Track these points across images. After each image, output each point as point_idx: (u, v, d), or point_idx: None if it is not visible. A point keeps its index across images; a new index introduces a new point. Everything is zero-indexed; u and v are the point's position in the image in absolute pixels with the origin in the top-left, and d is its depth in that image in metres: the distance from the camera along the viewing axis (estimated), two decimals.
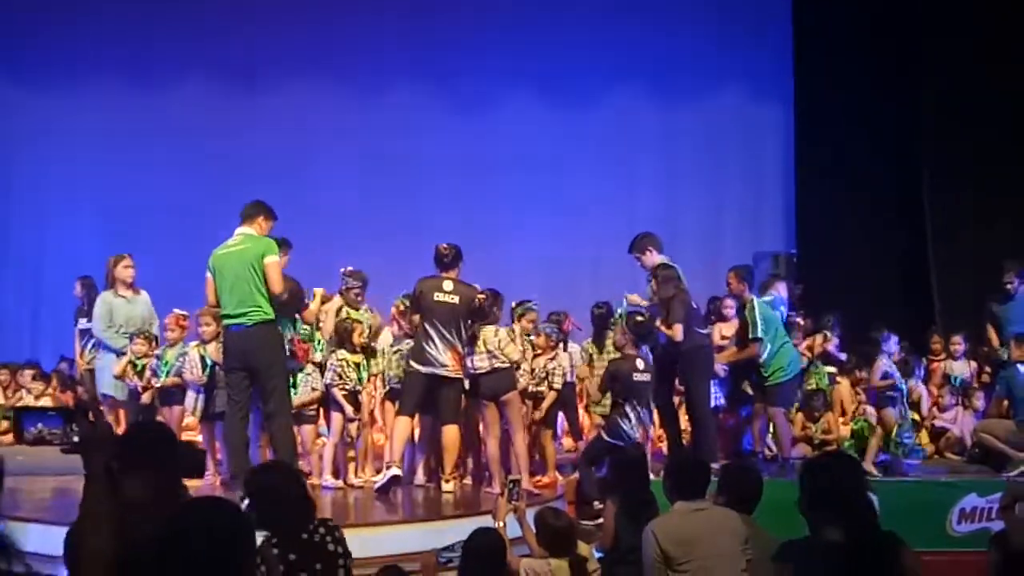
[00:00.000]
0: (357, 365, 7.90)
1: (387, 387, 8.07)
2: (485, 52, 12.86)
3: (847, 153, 12.25)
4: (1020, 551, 3.97)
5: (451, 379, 7.50)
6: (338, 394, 7.80)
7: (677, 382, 8.55)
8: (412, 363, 7.52)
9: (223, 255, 6.95)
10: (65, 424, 2.72)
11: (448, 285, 7.50)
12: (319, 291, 8.14)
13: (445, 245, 7.66)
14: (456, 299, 7.47)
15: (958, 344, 10.12)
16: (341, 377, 7.80)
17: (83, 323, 10.04)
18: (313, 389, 7.86)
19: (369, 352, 8.04)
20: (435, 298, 7.48)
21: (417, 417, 7.87)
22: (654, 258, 8.39)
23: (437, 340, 7.40)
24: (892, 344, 8.91)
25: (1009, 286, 9.72)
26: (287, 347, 7.51)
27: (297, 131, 12.48)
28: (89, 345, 10.00)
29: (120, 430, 7.69)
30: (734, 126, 13.07)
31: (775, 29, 12.91)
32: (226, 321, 7.00)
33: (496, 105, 13.00)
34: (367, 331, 8.04)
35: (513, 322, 8.38)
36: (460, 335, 7.49)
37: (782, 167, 13.13)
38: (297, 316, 7.83)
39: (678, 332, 8.03)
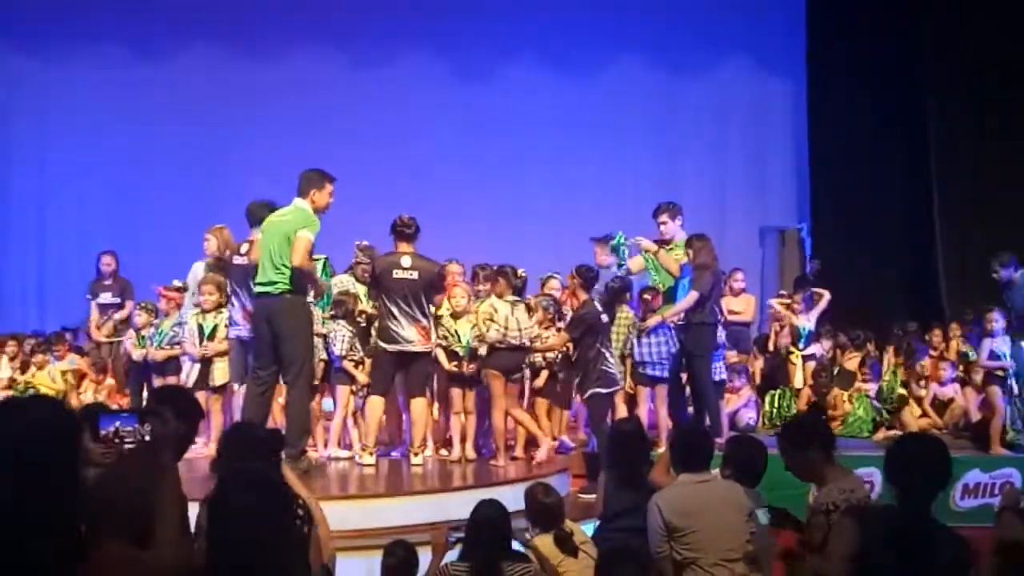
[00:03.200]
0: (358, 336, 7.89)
1: None
2: (489, 21, 12.79)
3: (860, 128, 12.18)
4: (1010, 545, 4.01)
5: (420, 354, 7.46)
6: (348, 365, 7.82)
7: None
8: (379, 343, 7.49)
9: (269, 222, 6.89)
10: (139, 423, 2.87)
11: (406, 261, 7.36)
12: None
13: (407, 216, 7.52)
14: (415, 274, 7.36)
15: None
16: (352, 348, 7.82)
17: (107, 297, 10.05)
18: (320, 360, 7.88)
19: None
20: (394, 275, 7.35)
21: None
22: (676, 227, 8.37)
23: (400, 317, 7.34)
24: (1000, 323, 8.60)
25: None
26: None
27: (300, 100, 12.45)
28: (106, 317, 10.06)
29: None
30: (741, 98, 13.00)
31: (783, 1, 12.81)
32: (256, 288, 6.96)
33: (500, 74, 12.95)
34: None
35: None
36: (423, 309, 7.42)
37: (792, 141, 13.05)
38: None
39: (690, 299, 8.00)
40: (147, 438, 2.85)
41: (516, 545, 4.57)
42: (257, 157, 12.19)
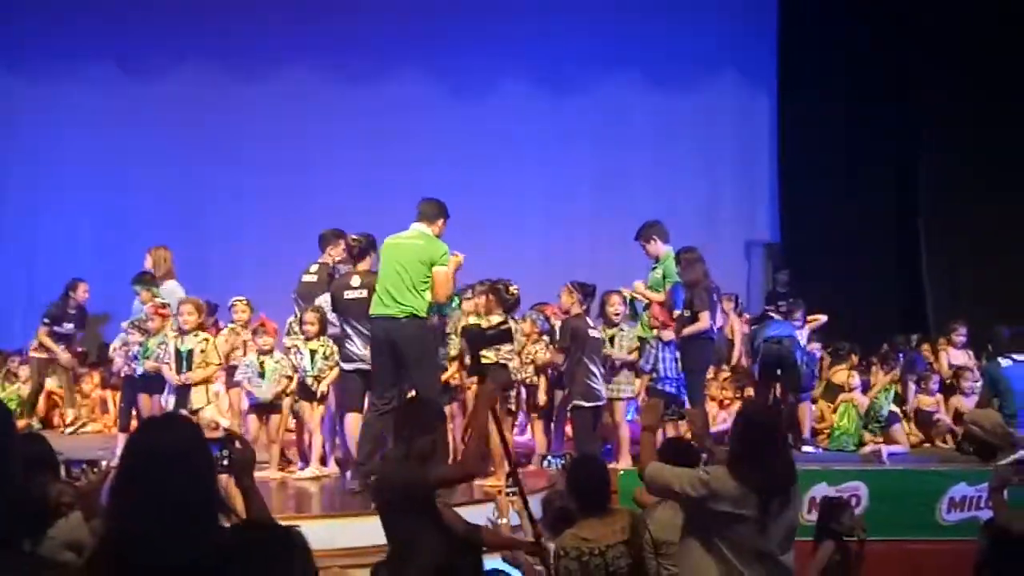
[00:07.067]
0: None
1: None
2: (481, 41, 12.84)
3: (832, 139, 12.20)
4: (1006, 530, 4.03)
5: None
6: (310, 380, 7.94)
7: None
8: (340, 362, 7.54)
9: (396, 245, 6.83)
10: (221, 449, 3.14)
11: (356, 280, 7.33)
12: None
13: (354, 236, 7.53)
14: (365, 292, 7.23)
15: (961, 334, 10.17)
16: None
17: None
18: (287, 377, 7.89)
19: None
20: (346, 296, 7.35)
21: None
22: (659, 247, 8.41)
23: (355, 336, 7.27)
24: None
25: None
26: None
27: (294, 119, 12.45)
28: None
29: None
30: (727, 114, 13.06)
31: (765, 15, 12.87)
32: (374, 310, 6.84)
33: (491, 93, 13.00)
34: None
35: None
36: None
37: (772, 156, 13.11)
38: None
39: (705, 320, 8.00)
40: (226, 463, 3.12)
41: (504, 565, 4.56)
42: (250, 175, 12.20)
